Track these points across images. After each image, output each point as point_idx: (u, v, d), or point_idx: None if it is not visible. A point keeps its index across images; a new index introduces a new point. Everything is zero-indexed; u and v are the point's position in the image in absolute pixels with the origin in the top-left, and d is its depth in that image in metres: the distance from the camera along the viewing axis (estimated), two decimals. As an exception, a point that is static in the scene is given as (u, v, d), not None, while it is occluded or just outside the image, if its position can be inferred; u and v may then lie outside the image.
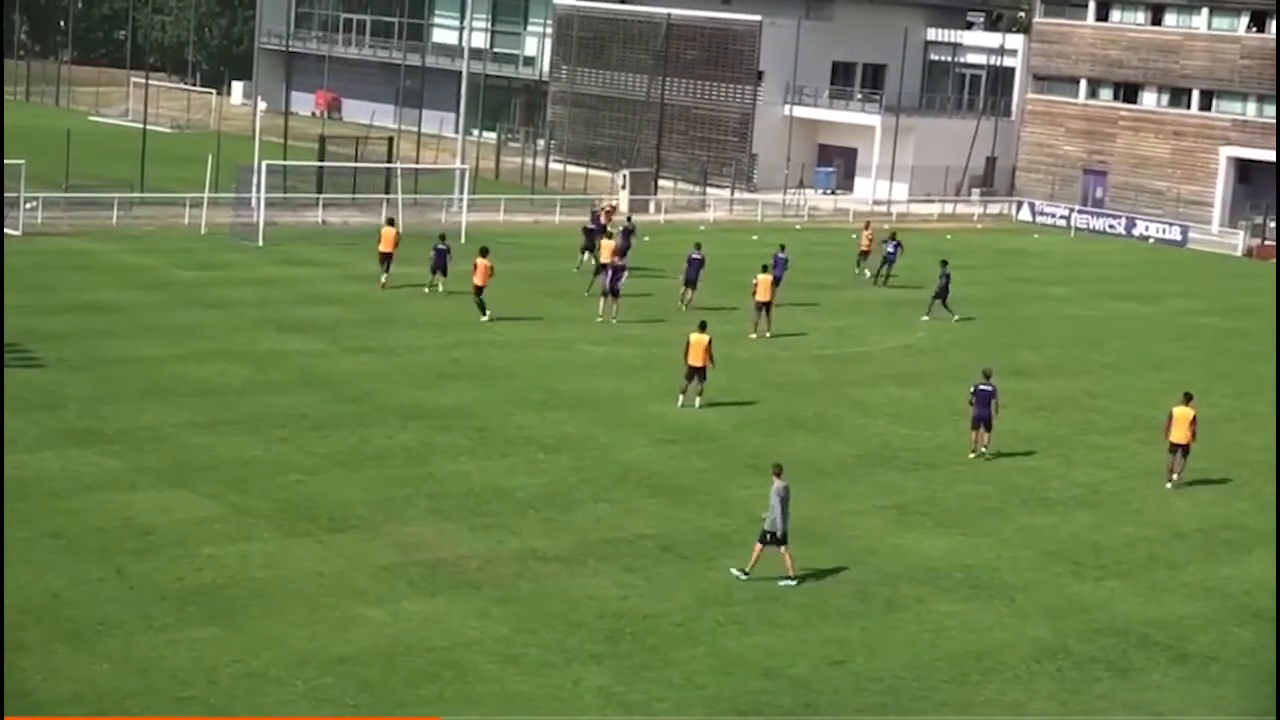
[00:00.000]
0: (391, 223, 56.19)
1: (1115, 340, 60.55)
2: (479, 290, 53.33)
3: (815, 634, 28.70)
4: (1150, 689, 27.44)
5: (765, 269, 55.44)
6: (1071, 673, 27.86)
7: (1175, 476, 39.50)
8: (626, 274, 55.40)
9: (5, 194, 64.72)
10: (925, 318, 59.67)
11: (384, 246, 57.64)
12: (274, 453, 37.18)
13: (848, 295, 63.54)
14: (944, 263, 60.89)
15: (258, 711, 23.91)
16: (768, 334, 54.13)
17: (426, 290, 57.13)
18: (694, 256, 58.51)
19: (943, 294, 59.89)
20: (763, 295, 53.99)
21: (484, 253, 54.11)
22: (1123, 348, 59.06)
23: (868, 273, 68.46)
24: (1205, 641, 29.84)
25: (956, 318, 59.92)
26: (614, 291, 54.72)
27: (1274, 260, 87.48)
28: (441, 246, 57.64)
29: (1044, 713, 26.08)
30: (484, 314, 53.02)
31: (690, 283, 58.13)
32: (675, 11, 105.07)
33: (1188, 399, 40.05)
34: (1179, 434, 39.37)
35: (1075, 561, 33.84)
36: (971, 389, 41.18)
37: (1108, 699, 26.90)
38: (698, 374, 43.45)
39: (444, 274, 57.21)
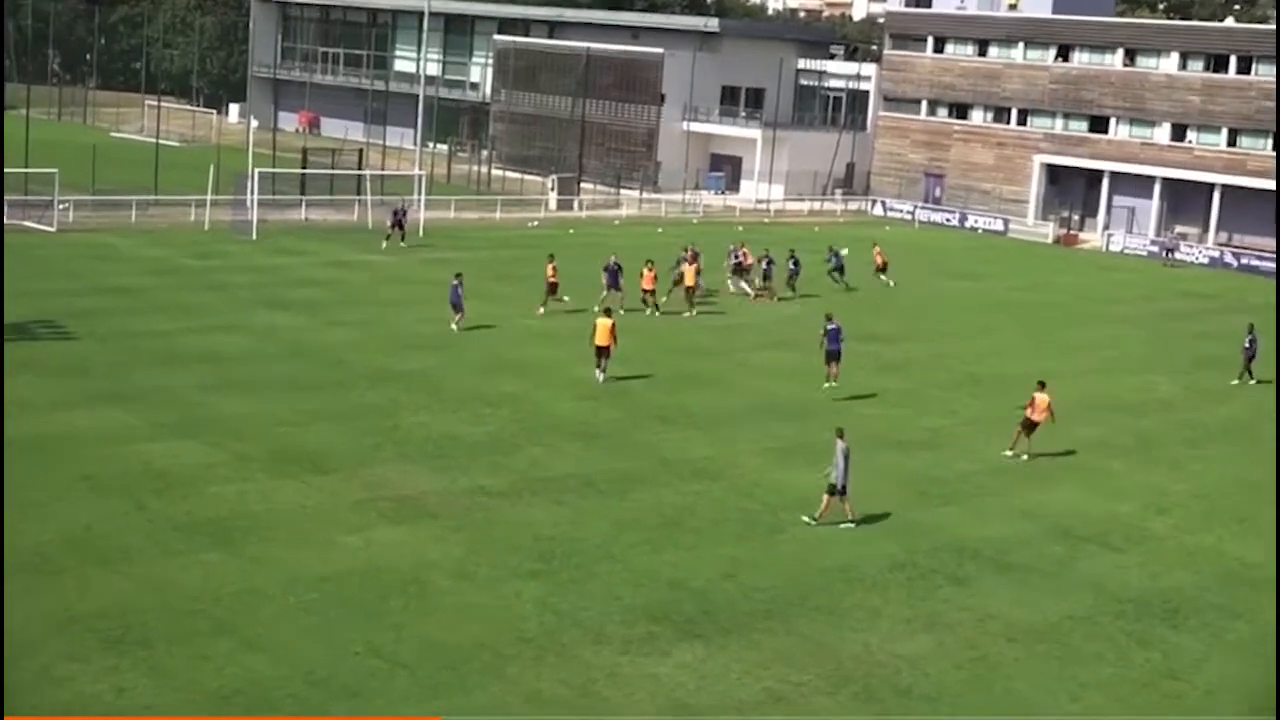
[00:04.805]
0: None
1: (951, 312, 60.80)
2: None
3: (711, 553, 28.72)
4: (981, 594, 27.63)
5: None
6: (918, 582, 28.02)
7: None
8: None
9: (43, 198, 64.10)
10: (1235, 381, 48.91)
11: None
12: (267, 409, 36.85)
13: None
14: (1251, 326, 50.52)
15: (255, 623, 23.73)
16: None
17: (454, 328, 48.10)
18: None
19: (1251, 357, 49.41)
20: None
21: None
22: (957, 318, 59.32)
23: (891, 282, 64.93)
24: (1024, 555, 30.06)
25: (1254, 380, 49.06)
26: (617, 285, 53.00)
27: (1076, 246, 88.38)
28: (456, 283, 48.49)
29: (896, 615, 26.21)
30: None
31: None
32: (593, 46, 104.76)
33: (1041, 386, 37.70)
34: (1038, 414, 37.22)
35: (920, 492, 34.02)
36: (822, 331, 42.41)
37: (948, 603, 27.06)
38: (604, 353, 42.12)
39: (459, 310, 48.35)
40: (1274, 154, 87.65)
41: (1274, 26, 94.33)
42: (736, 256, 60.70)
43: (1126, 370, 50.62)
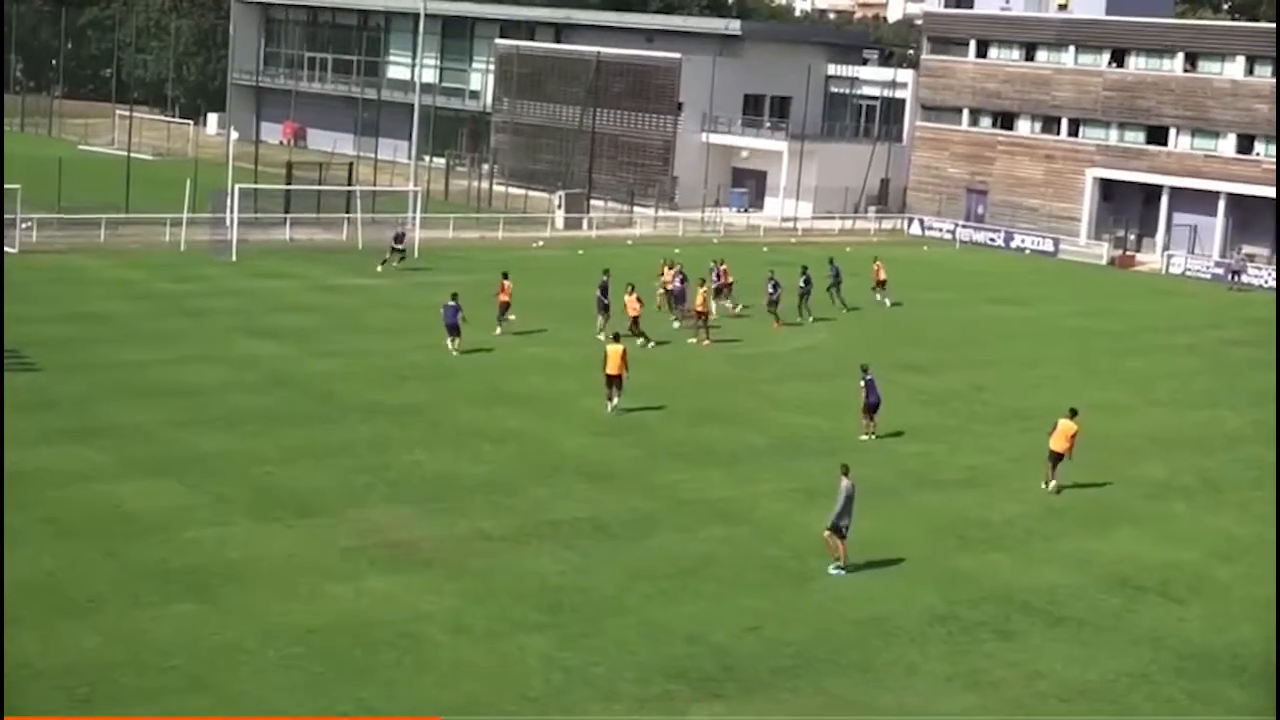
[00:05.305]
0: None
1: (995, 340, 60.83)
2: None
3: (733, 604, 28.71)
4: (1029, 650, 27.58)
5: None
6: (960, 636, 27.97)
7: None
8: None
9: (4, 216, 64.25)
10: None
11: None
12: (248, 446, 36.95)
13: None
14: None
15: (234, 680, 23.74)
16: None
17: (453, 352, 49.04)
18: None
19: None
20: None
21: None
22: (1002, 346, 59.34)
23: (888, 302, 66.30)
24: (1077, 606, 30.01)
25: None
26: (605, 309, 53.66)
27: (1133, 268, 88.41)
28: (452, 304, 49.18)
29: (936, 672, 26.15)
30: None
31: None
32: (604, 50, 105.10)
33: (1073, 414, 38.34)
34: (1058, 443, 37.98)
35: (962, 536, 33.99)
36: (860, 383, 41.99)
37: (993, 659, 27.00)
38: (616, 382, 42.73)
39: (456, 332, 49.05)
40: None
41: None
42: (716, 275, 61.20)
43: (1188, 404, 50.58)
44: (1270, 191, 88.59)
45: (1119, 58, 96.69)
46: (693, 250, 77.01)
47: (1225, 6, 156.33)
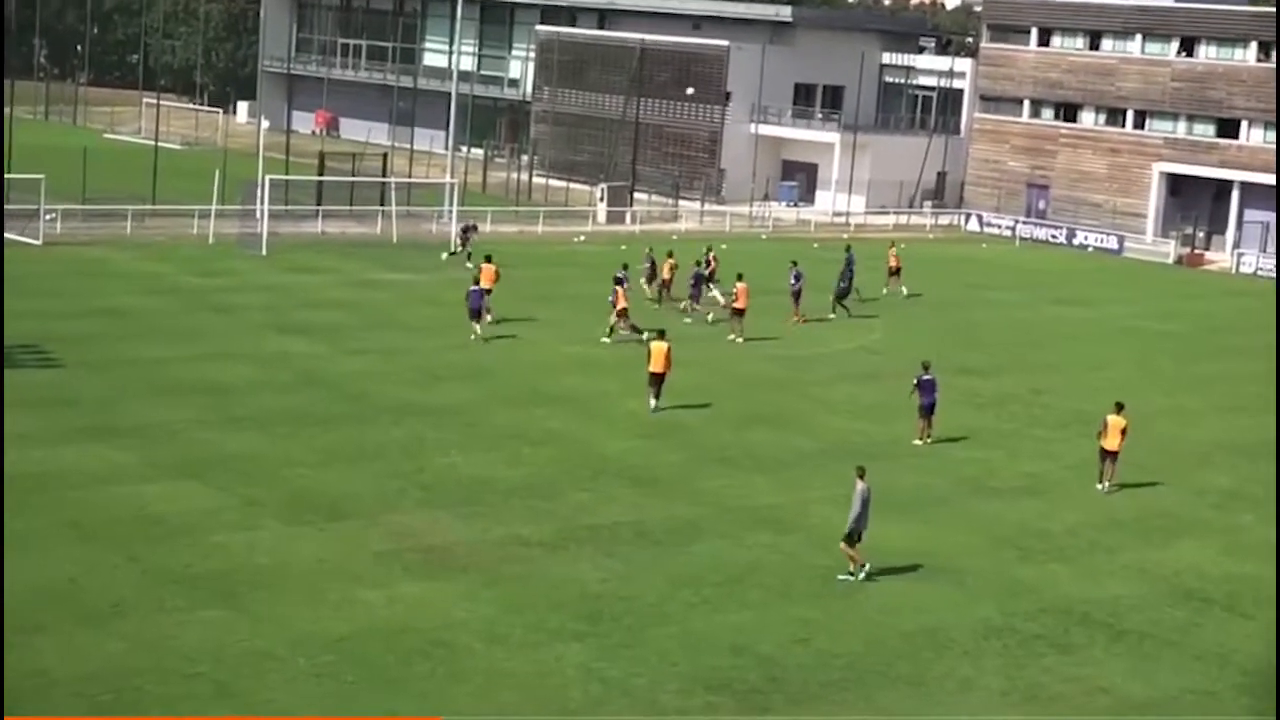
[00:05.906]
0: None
1: (1057, 341, 60.65)
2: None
3: (780, 614, 28.74)
4: (1090, 664, 27.55)
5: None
6: (1017, 650, 27.94)
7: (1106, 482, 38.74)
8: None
9: (28, 207, 64.77)
10: None
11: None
12: (278, 448, 37.15)
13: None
14: None
15: (262, 688, 23.90)
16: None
17: (472, 339, 50.72)
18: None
19: None
20: None
21: None
22: (1063, 348, 59.16)
23: (904, 290, 66.88)
24: (1140, 620, 29.94)
25: None
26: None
27: (1202, 267, 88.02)
28: (475, 289, 51.68)
29: (991, 687, 26.14)
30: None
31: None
32: (648, 37, 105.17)
33: (1119, 408, 38.82)
34: (1111, 441, 38.43)
35: (1020, 546, 33.94)
36: (915, 380, 42.02)
37: (1051, 673, 26.97)
38: (659, 380, 43.01)
39: (478, 317, 51.20)
40: None
41: None
42: (706, 263, 61.39)
43: (1257, 409, 50.27)
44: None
45: (1188, 46, 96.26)
46: (740, 246, 76.96)
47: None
